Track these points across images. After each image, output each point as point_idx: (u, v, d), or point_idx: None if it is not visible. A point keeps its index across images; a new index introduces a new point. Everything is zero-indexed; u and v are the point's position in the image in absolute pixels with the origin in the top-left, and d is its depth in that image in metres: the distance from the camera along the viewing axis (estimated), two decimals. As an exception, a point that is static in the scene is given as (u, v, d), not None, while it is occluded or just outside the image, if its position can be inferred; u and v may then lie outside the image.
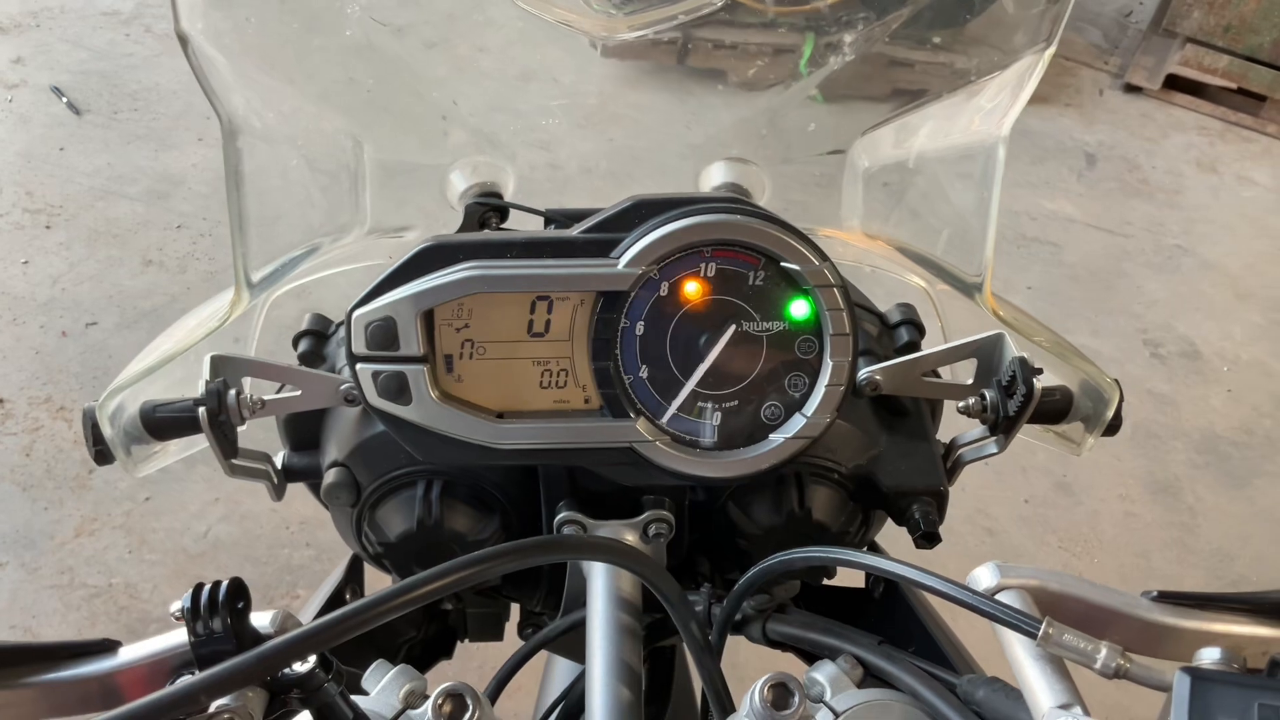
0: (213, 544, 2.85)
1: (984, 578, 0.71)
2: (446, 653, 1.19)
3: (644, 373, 0.83)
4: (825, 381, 0.83)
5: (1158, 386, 3.68)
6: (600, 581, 0.86)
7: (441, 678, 1.26)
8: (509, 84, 1.10)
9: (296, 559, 2.83)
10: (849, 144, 1.08)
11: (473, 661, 1.85)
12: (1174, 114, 5.09)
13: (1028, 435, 0.96)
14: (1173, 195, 4.60)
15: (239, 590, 0.66)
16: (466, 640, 1.19)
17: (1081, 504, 3.25)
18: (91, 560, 2.79)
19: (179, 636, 0.68)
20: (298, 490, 1.00)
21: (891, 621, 1.02)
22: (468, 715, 0.61)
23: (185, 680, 0.59)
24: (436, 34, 1.07)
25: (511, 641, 1.10)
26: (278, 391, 0.92)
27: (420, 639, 1.13)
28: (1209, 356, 3.83)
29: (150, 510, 2.90)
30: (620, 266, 0.79)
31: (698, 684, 1.33)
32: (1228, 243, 4.37)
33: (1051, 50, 0.92)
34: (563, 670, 1.35)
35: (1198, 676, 0.53)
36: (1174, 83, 5.07)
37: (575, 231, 0.81)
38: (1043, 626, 0.62)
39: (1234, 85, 4.97)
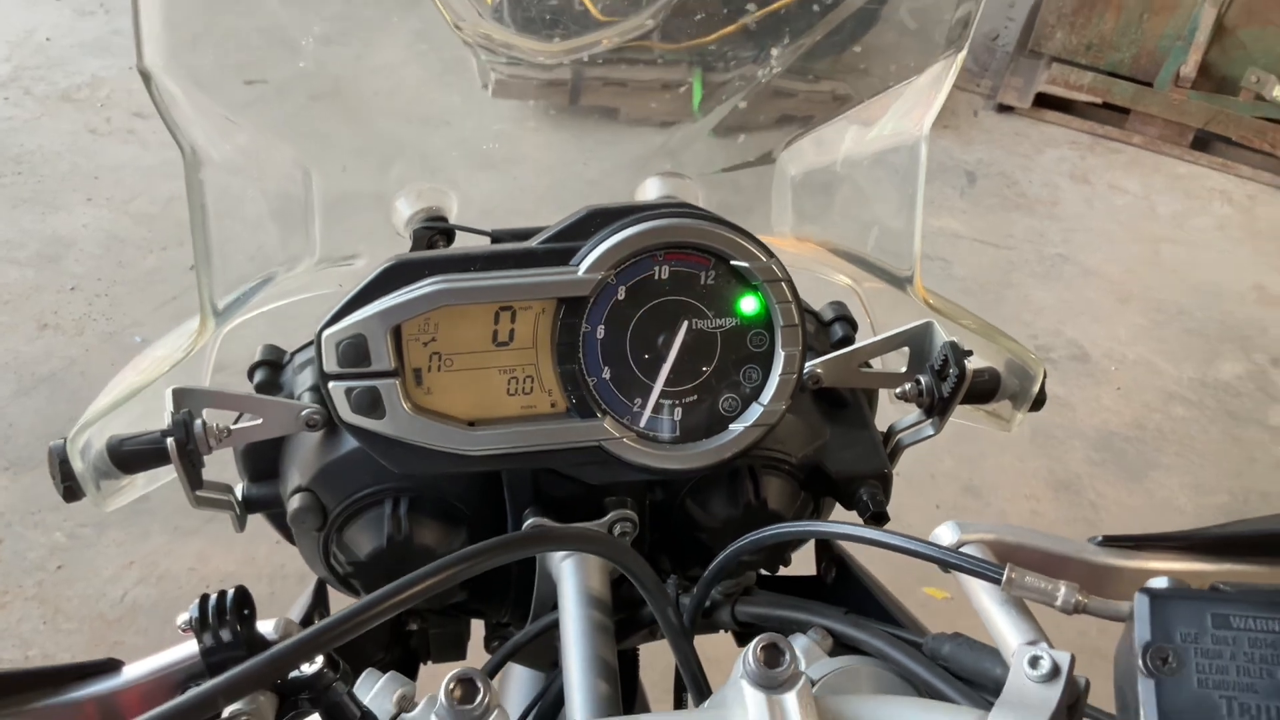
0: (130, 608, 2.77)
1: (945, 535, 0.76)
2: (410, 677, 1.19)
3: (607, 374, 0.87)
4: (779, 371, 0.88)
5: (1052, 389, 3.76)
6: (570, 582, 0.88)
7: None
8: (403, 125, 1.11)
9: (220, 616, 2.77)
10: (772, 157, 1.13)
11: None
12: (1046, 130, 5.32)
13: (960, 416, 1.03)
14: (1051, 207, 4.81)
15: (244, 598, 0.67)
16: (429, 663, 1.20)
17: (990, 505, 3.36)
18: (5, 633, 2.69)
19: (184, 650, 0.69)
20: (217, 548, 1.00)
21: (845, 603, 1.06)
22: (479, 698, 0.63)
23: (204, 685, 0.60)
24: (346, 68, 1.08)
25: (474, 660, 1.12)
26: (236, 422, 0.93)
27: (386, 661, 1.14)
28: (1098, 358, 4.00)
29: (63, 579, 2.81)
30: (580, 273, 0.82)
31: (650, 691, 1.36)
32: (1106, 249, 4.58)
33: (963, 54, 0.99)
34: (519, 684, 1.36)
35: (1155, 595, 0.59)
36: (1043, 100, 5.30)
37: (534, 242, 0.84)
38: (1006, 572, 0.68)
39: (1099, 100, 5.23)
